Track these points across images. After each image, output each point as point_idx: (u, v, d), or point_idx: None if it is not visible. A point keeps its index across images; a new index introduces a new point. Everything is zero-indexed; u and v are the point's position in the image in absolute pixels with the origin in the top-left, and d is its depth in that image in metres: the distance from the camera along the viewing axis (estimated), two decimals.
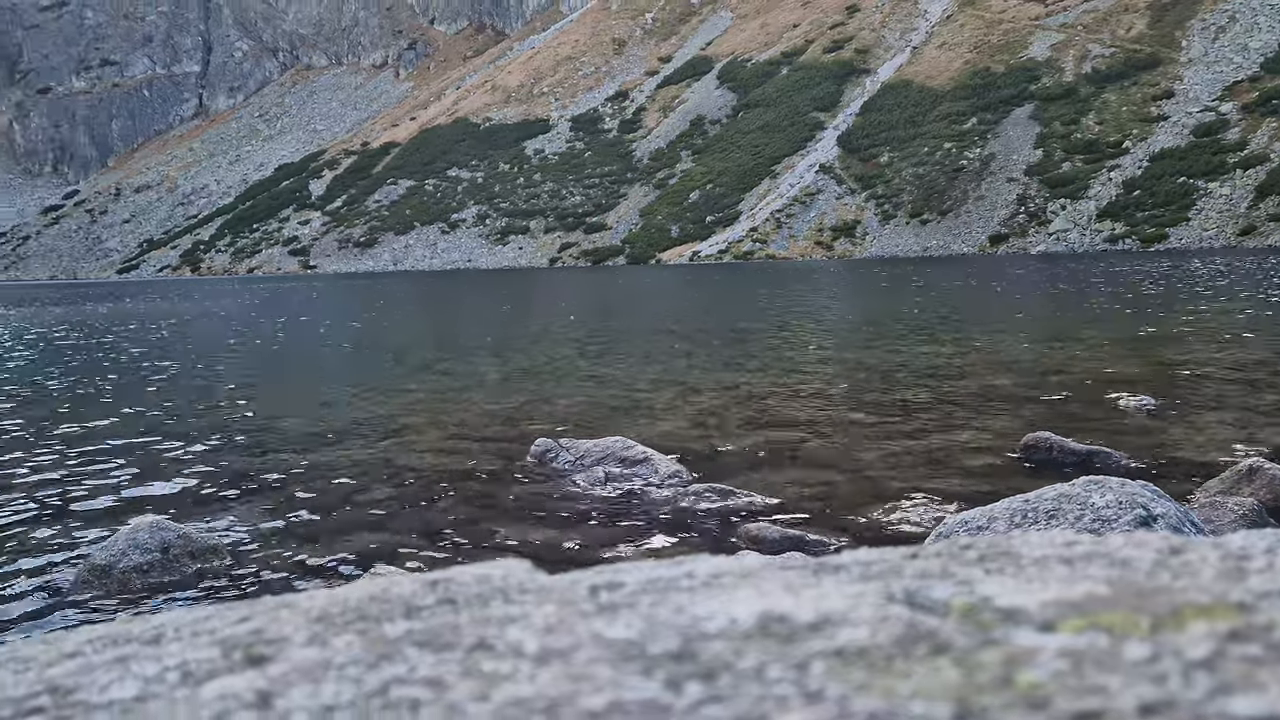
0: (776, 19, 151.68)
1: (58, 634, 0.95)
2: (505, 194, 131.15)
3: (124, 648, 0.86)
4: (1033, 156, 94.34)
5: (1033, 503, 3.63)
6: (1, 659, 0.88)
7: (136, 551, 4.17)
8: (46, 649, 0.90)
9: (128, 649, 0.85)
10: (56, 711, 0.72)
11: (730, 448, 6.56)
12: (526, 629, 0.77)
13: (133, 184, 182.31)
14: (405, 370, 12.52)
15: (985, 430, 6.79)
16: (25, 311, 35.94)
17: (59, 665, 0.84)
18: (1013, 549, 0.87)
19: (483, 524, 4.89)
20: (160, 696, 0.72)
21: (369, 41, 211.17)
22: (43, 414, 9.22)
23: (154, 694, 0.72)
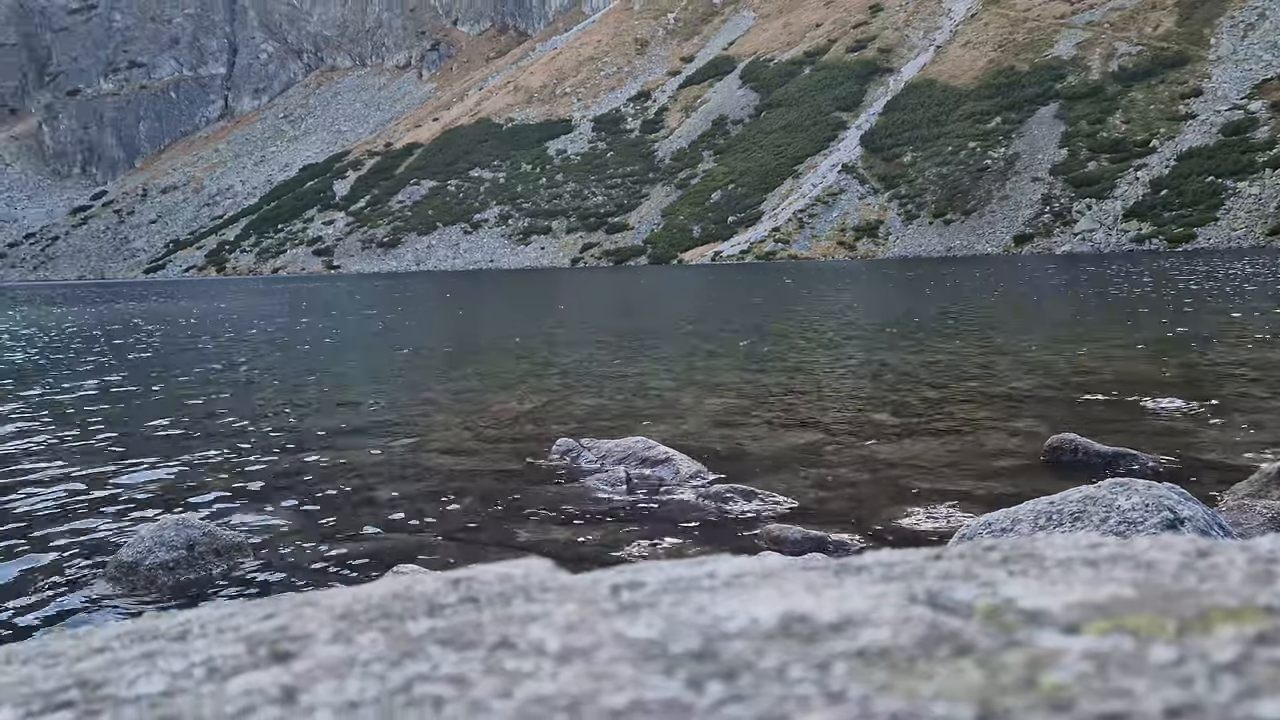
0: (799, 18, 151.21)
1: (86, 630, 0.96)
2: (527, 194, 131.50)
3: (151, 643, 0.87)
4: (1058, 156, 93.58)
5: (1057, 505, 3.60)
6: (31, 654, 0.89)
7: (163, 549, 4.21)
8: (75, 644, 0.91)
9: (155, 645, 0.86)
10: (86, 705, 0.73)
11: (752, 448, 6.55)
12: (548, 627, 0.77)
13: (159, 185, 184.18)
14: (428, 369, 12.57)
15: (1009, 432, 6.74)
16: (66, 310, 36.38)
17: (88, 660, 0.85)
18: (1036, 551, 0.87)
19: (504, 523, 4.90)
20: (187, 691, 0.72)
21: (392, 43, 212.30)
22: (74, 411, 9.33)
23: (181, 689, 0.73)
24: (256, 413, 8.93)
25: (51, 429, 8.32)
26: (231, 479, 6.13)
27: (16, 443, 7.65)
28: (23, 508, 5.50)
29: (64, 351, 17.12)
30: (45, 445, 7.51)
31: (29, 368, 14.20)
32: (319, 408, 9.22)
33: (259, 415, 8.77)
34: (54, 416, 9.08)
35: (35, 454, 7.14)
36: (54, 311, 35.85)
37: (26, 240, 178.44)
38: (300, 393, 10.45)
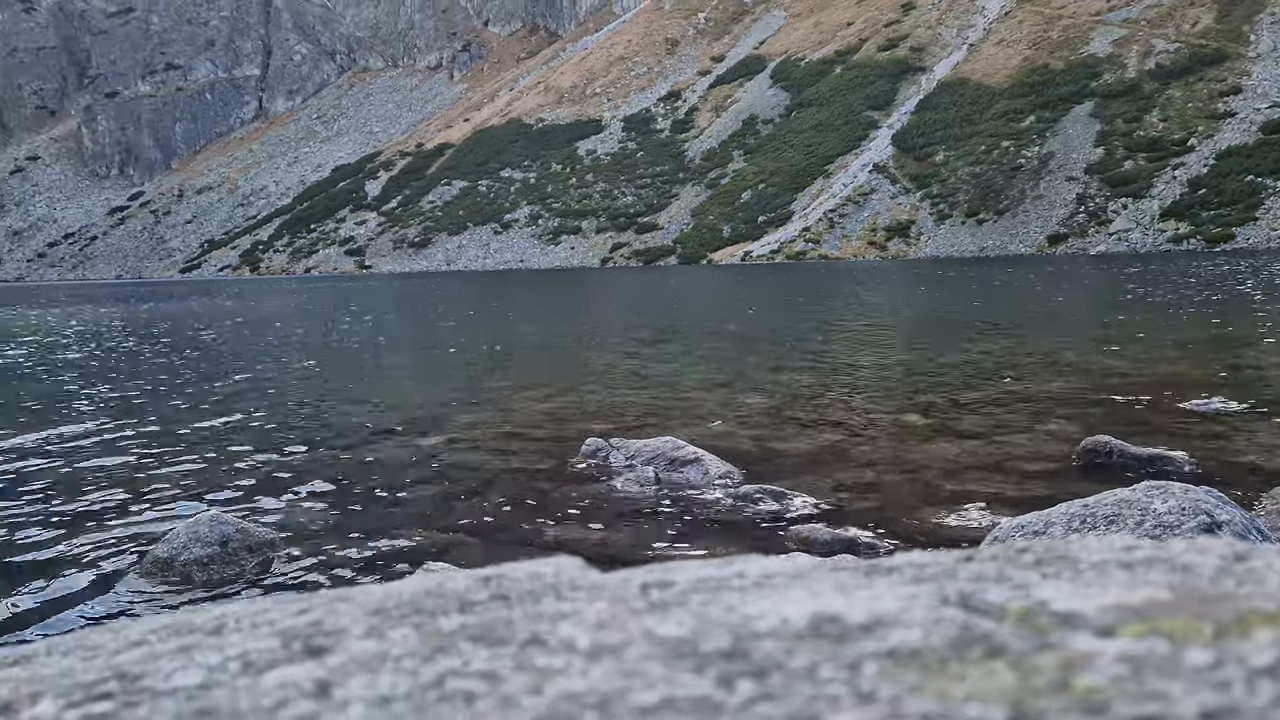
0: (830, 17, 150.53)
1: (123, 623, 0.98)
2: (557, 194, 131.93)
3: (187, 637, 0.88)
4: (1093, 155, 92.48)
5: (1091, 508, 3.56)
6: (71, 646, 0.91)
7: (197, 545, 4.27)
8: (113, 637, 0.92)
9: (191, 639, 0.88)
10: (125, 697, 0.74)
11: (782, 449, 6.53)
12: (578, 625, 0.77)
13: (195, 185, 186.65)
14: (461, 367, 12.64)
15: (1042, 433, 6.67)
16: (111, 310, 36.95)
17: (126, 653, 0.86)
18: (1070, 553, 0.86)
19: (533, 522, 4.92)
20: (223, 684, 0.73)
21: (424, 44, 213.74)
22: (111, 408, 9.48)
23: (217, 682, 0.74)
24: (290, 410, 9.03)
25: (91, 426, 8.46)
26: (264, 476, 6.20)
27: (57, 440, 7.79)
28: (61, 503, 5.60)
29: (110, 351, 17.39)
30: (84, 442, 7.63)
31: (77, 367, 14.44)
32: (352, 405, 9.30)
33: (293, 412, 8.86)
34: (93, 414, 9.23)
35: (74, 451, 7.27)
36: (102, 311, 36.42)
37: (65, 240, 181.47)
38: (335, 390, 10.55)
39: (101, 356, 15.88)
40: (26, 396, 10.79)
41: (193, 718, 0.68)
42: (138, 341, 19.22)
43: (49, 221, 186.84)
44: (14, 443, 7.68)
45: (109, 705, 0.73)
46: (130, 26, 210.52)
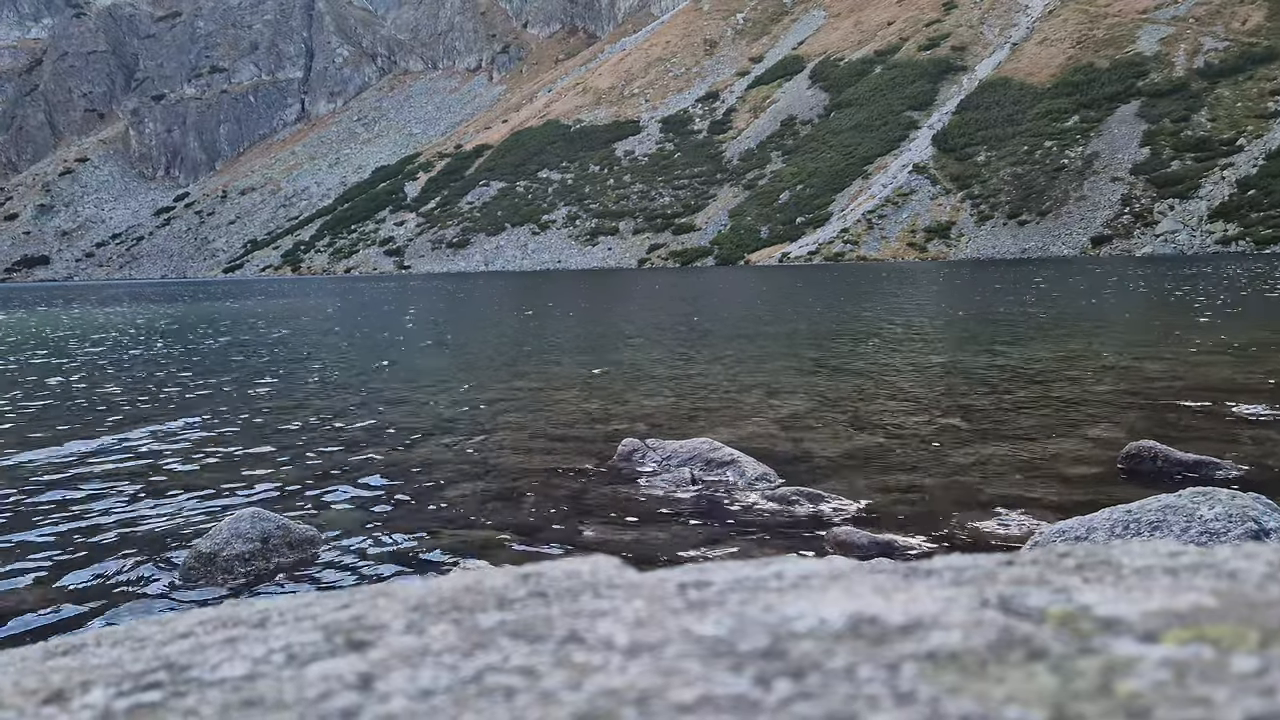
0: (870, 17, 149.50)
1: (170, 616, 0.99)
2: (595, 195, 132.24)
3: (232, 630, 0.90)
4: (1139, 155, 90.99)
5: (1135, 514, 3.50)
6: (120, 637, 0.92)
7: (239, 541, 4.33)
8: (160, 629, 0.94)
9: (236, 631, 0.89)
10: (173, 687, 0.75)
11: (819, 451, 6.49)
12: (617, 623, 0.77)
13: (238, 186, 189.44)
14: (497, 368, 12.72)
15: (1085, 437, 6.57)
16: (167, 309, 37.61)
17: (173, 645, 0.87)
18: (1113, 558, 0.86)
19: (570, 522, 4.94)
20: (268, 676, 0.75)
21: (464, 46, 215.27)
22: (157, 404, 9.66)
23: (262, 674, 0.75)
24: (336, 408, 9.14)
25: (139, 424, 8.61)
26: (305, 474, 6.28)
27: (105, 437, 7.94)
28: (107, 499, 5.71)
29: (173, 349, 17.70)
30: (133, 437, 7.78)
31: (127, 364, 14.72)
32: (390, 404, 9.39)
33: (338, 410, 8.97)
34: (146, 410, 9.40)
35: (124, 445, 7.41)
36: (159, 310, 37.06)
37: (113, 240, 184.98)
38: (372, 389, 10.65)
39: (163, 355, 16.18)
40: (88, 394, 11.02)
41: (239, 708, 0.69)
42: (200, 340, 19.55)
43: (97, 222, 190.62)
44: (65, 437, 7.85)
45: (158, 695, 0.74)
46: (177, 30, 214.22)
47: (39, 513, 5.41)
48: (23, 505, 5.60)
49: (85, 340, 20.30)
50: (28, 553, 4.65)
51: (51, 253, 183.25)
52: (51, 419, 8.99)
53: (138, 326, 25.05)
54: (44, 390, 11.39)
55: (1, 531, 5.03)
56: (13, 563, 4.49)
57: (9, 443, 7.72)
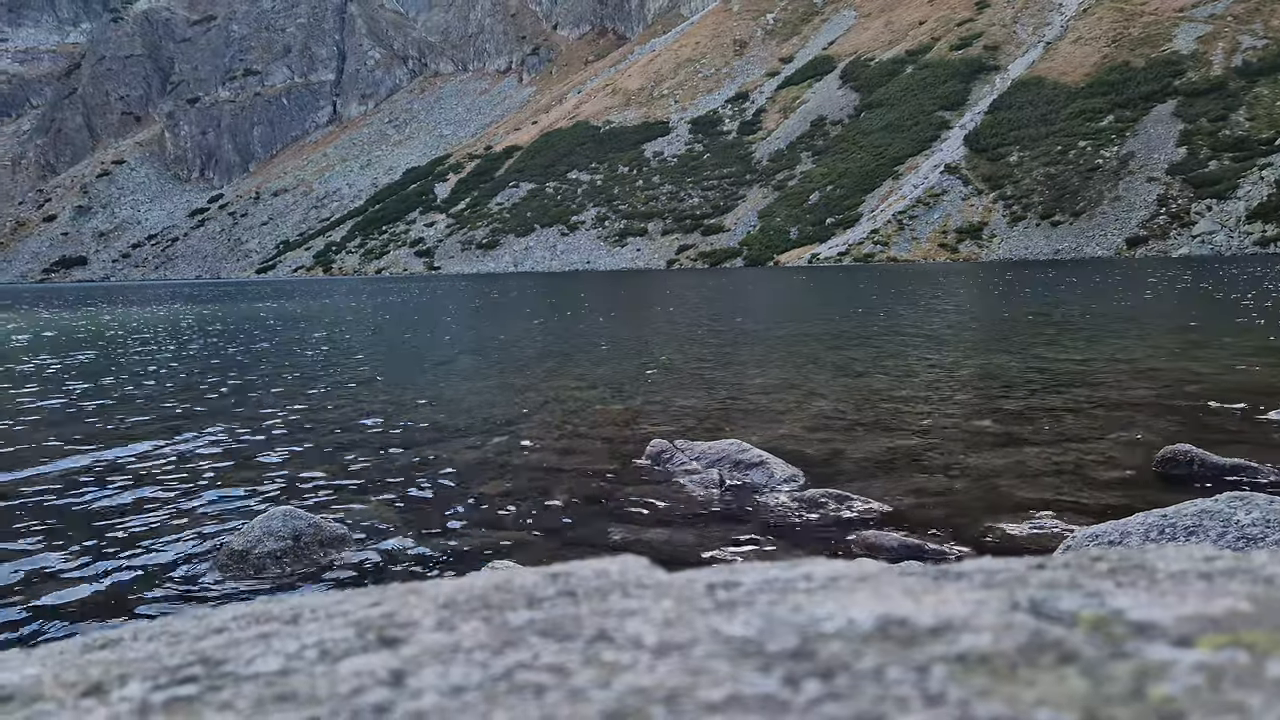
0: (901, 16, 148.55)
1: (204, 611, 1.00)
2: (624, 196, 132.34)
3: (266, 625, 0.91)
4: (1175, 154, 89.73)
5: (1171, 518, 3.46)
6: (156, 632, 0.93)
7: (271, 539, 4.38)
8: (196, 624, 0.95)
9: (269, 627, 0.90)
10: (208, 681, 0.77)
11: (849, 453, 6.46)
12: (645, 622, 0.78)
13: (271, 188, 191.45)
14: (527, 367, 12.76)
15: (1119, 441, 6.49)
16: (212, 309, 38.09)
17: (208, 640, 0.89)
18: (1147, 562, 0.85)
19: (598, 523, 4.95)
20: (301, 671, 0.75)
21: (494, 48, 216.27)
22: (190, 403, 9.78)
23: (295, 669, 0.76)
24: (364, 408, 9.21)
25: (173, 423, 8.73)
26: (336, 473, 6.34)
27: (141, 437, 8.05)
28: (142, 497, 5.79)
29: (219, 348, 17.93)
30: (165, 438, 7.88)
31: (165, 363, 14.92)
32: (420, 404, 9.45)
33: (370, 410, 9.04)
34: (175, 411, 9.53)
35: (155, 447, 7.51)
36: (201, 310, 37.54)
37: (149, 241, 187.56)
38: (403, 389, 10.73)
39: (200, 355, 16.38)
40: (124, 393, 11.18)
41: (274, 702, 0.70)
42: (238, 340, 19.78)
43: (133, 223, 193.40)
44: (102, 437, 7.97)
45: (193, 688, 0.75)
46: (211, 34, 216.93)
47: (75, 510, 5.50)
48: (60, 503, 5.69)
49: (126, 340, 20.60)
50: (65, 549, 4.72)
51: (89, 253, 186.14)
52: (88, 418, 9.14)
53: (179, 327, 25.38)
54: (83, 389, 11.57)
55: (40, 529, 5.12)
56: (50, 559, 4.57)
57: (48, 442, 7.85)
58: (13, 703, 0.76)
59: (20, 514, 5.42)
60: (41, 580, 4.27)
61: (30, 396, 10.92)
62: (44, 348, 18.59)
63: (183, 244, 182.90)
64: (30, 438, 8.01)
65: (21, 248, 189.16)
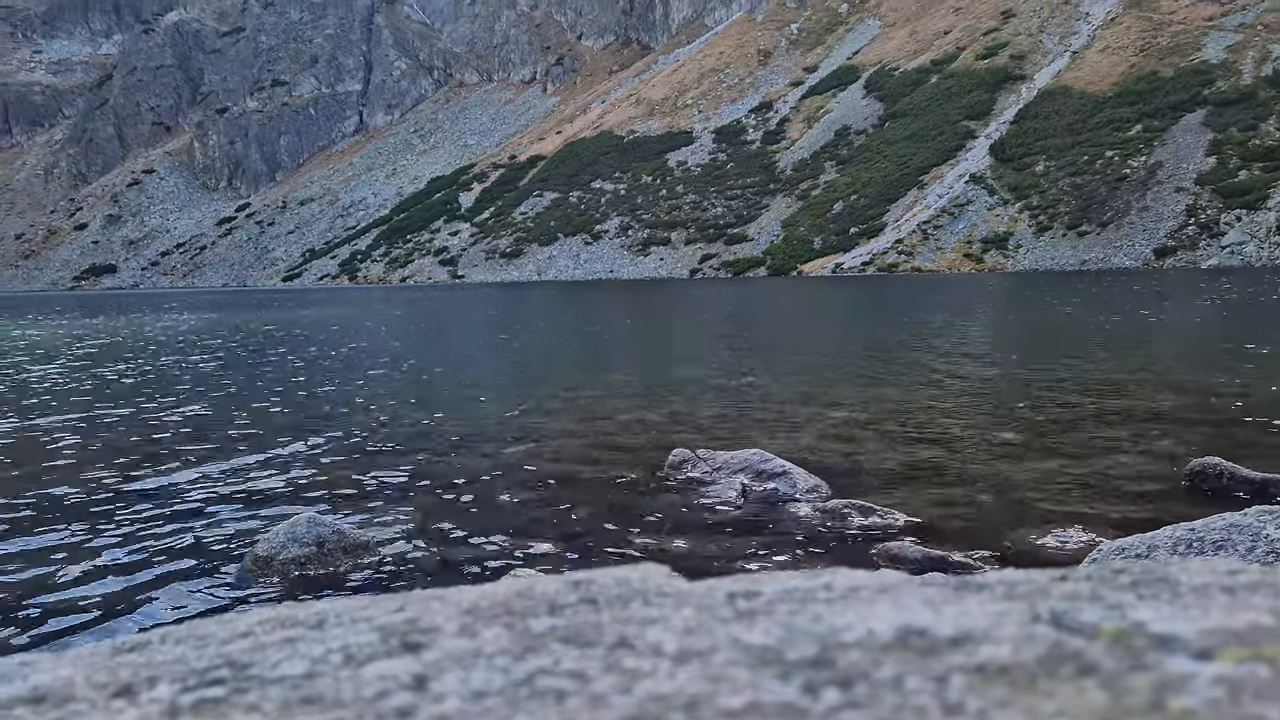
0: (926, 26, 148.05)
1: (230, 616, 1.02)
2: (647, 205, 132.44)
3: (291, 630, 0.92)
4: (1205, 164, 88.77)
5: (1199, 532, 3.42)
6: (183, 635, 0.95)
7: (295, 545, 4.41)
8: (222, 628, 0.96)
9: (294, 631, 0.91)
10: (235, 684, 0.78)
11: (871, 464, 6.43)
12: (666, 630, 0.78)
13: (298, 197, 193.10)
14: (552, 376, 12.79)
15: (1147, 453, 6.43)
16: (257, 317, 38.43)
17: (234, 643, 0.90)
18: (1170, 575, 0.85)
19: (620, 532, 4.95)
20: (326, 675, 0.76)
21: (519, 58, 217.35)
22: (217, 411, 9.87)
23: (320, 673, 0.77)
24: (388, 415, 9.26)
25: (200, 431, 8.81)
26: (359, 480, 6.38)
27: (168, 445, 8.14)
28: (170, 503, 5.85)
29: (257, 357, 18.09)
30: (191, 446, 7.96)
31: (185, 374, 15.06)
32: (442, 413, 9.49)
33: (390, 418, 9.09)
34: (202, 419, 9.62)
35: (182, 455, 7.58)
36: (237, 318, 37.87)
37: (178, 249, 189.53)
38: (425, 398, 10.78)
39: (229, 362, 16.54)
40: (154, 402, 11.30)
41: (299, 705, 0.71)
42: (266, 348, 19.95)
43: (162, 232, 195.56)
44: (130, 446, 8.06)
45: (221, 690, 0.76)
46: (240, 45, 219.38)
47: (104, 517, 5.57)
48: (89, 511, 5.76)
49: (156, 350, 20.82)
50: (94, 555, 4.78)
51: (118, 261, 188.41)
52: (117, 426, 9.24)
53: (214, 334, 25.62)
54: (112, 397, 11.70)
55: (70, 534, 5.18)
56: (81, 565, 4.63)
57: (75, 450, 7.95)
58: (45, 704, 0.78)
59: (51, 520, 5.49)
60: (72, 584, 4.32)
61: (63, 404, 11.06)
62: (83, 354, 18.83)
63: (210, 252, 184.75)
64: (63, 445, 8.12)
65: (53, 256, 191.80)
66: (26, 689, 0.81)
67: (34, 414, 10.03)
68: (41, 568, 4.55)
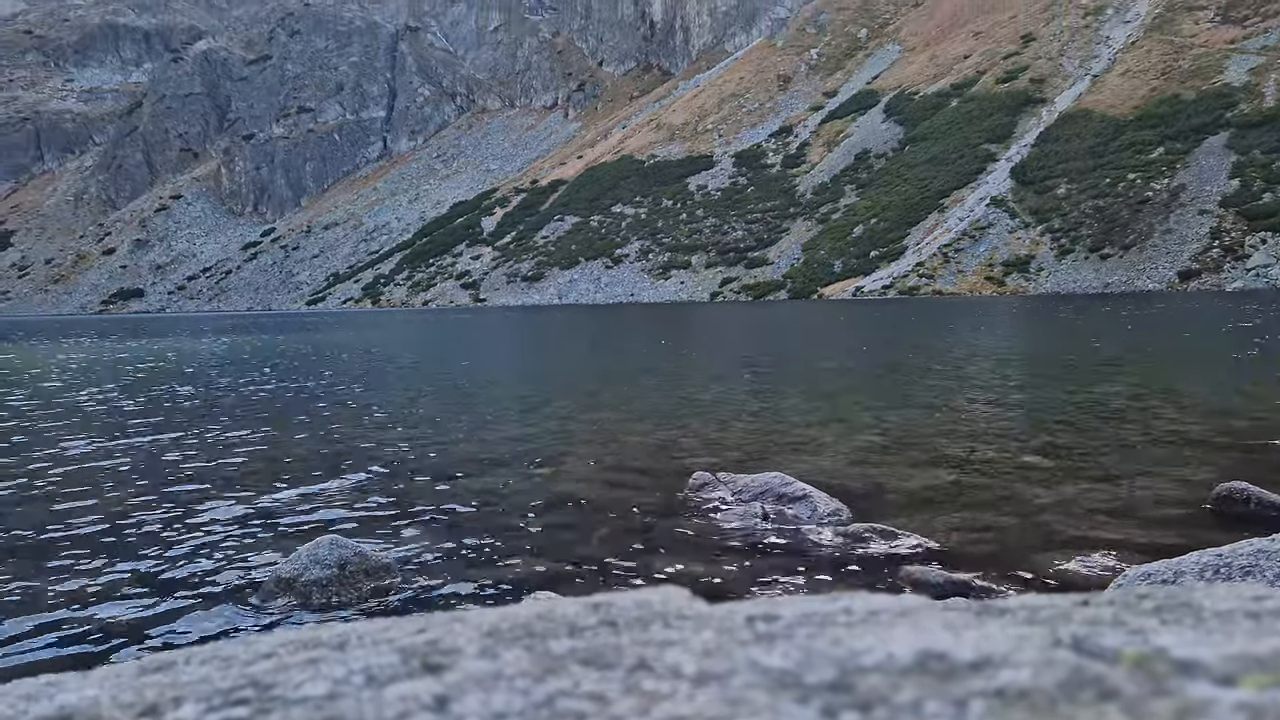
0: (946, 50, 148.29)
1: (254, 637, 1.03)
2: (668, 229, 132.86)
3: (314, 651, 0.93)
4: (1228, 187, 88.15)
5: (1226, 557, 3.38)
6: (207, 656, 0.96)
7: (317, 567, 4.43)
8: (245, 649, 0.97)
9: (317, 652, 0.92)
10: (258, 704, 0.78)
11: (893, 487, 6.39)
12: (685, 652, 0.78)
13: (322, 221, 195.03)
14: (573, 398, 12.81)
15: (1173, 478, 6.36)
16: (289, 340, 38.78)
17: (257, 664, 0.91)
18: (1194, 601, 0.85)
19: (640, 554, 4.94)
20: (348, 696, 0.77)
21: (540, 84, 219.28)
22: (239, 434, 9.95)
23: (343, 693, 0.78)
24: (409, 438, 9.30)
25: (222, 454, 8.88)
26: (382, 502, 6.40)
27: (191, 467, 8.21)
28: (194, 524, 5.89)
29: (246, 377, 18.24)
30: (214, 469, 8.02)
31: (209, 395, 15.20)
32: (463, 435, 9.52)
33: (411, 441, 9.13)
34: (225, 442, 9.69)
35: (205, 478, 7.64)
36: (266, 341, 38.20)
37: (204, 274, 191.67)
38: (447, 420, 10.82)
39: (253, 384, 16.68)
40: (176, 424, 11.41)
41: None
42: (292, 371, 20.11)
43: (189, 256, 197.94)
44: (155, 468, 8.13)
45: (244, 711, 0.77)
46: (267, 73, 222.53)
47: (128, 540, 5.61)
48: (113, 534, 5.81)
49: (193, 373, 21.02)
50: (120, 577, 4.82)
51: (146, 286, 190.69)
52: (143, 448, 9.33)
53: (233, 357, 25.86)
54: (134, 420, 11.82)
55: (96, 557, 5.23)
56: (107, 586, 4.67)
57: (103, 471, 8.03)
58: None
59: (77, 541, 5.54)
60: (98, 606, 4.36)
61: (89, 427, 11.18)
62: (110, 377, 19.04)
63: (236, 276, 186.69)
64: (89, 467, 8.20)
65: (81, 280, 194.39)
66: (53, 709, 0.81)
67: (66, 436, 10.15)
68: (67, 587, 4.59)
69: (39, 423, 11.47)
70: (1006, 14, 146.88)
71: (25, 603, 4.40)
